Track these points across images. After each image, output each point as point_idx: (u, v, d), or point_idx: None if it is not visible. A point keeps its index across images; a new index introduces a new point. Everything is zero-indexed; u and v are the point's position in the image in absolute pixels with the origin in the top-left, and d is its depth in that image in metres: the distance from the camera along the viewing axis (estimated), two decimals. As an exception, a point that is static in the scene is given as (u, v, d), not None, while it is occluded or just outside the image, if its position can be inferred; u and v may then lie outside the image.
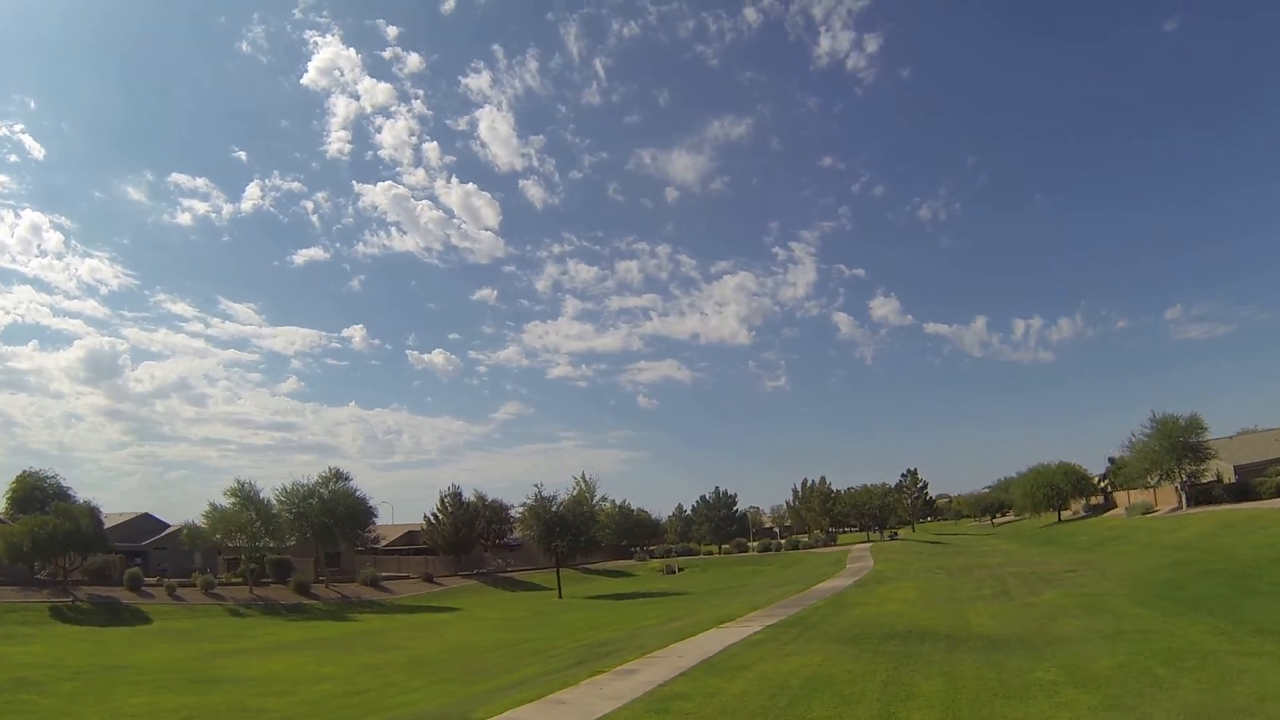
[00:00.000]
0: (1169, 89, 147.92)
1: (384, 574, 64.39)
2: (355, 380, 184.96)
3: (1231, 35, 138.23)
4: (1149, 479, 56.97)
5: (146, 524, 69.07)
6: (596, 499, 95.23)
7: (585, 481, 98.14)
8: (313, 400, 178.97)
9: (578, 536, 51.66)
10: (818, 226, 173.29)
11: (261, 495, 57.63)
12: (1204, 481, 55.34)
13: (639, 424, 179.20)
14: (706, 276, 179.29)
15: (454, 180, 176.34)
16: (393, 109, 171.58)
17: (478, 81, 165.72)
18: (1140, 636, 15.59)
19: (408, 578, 64.95)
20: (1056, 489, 77.13)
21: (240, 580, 53.46)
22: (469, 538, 73.17)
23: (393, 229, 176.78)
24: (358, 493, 63.16)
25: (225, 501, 56.17)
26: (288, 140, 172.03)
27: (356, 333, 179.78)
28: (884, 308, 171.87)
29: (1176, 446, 53.21)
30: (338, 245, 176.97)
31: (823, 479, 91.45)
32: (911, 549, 54.44)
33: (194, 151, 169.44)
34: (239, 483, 56.55)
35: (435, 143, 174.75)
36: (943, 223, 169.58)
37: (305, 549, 62.47)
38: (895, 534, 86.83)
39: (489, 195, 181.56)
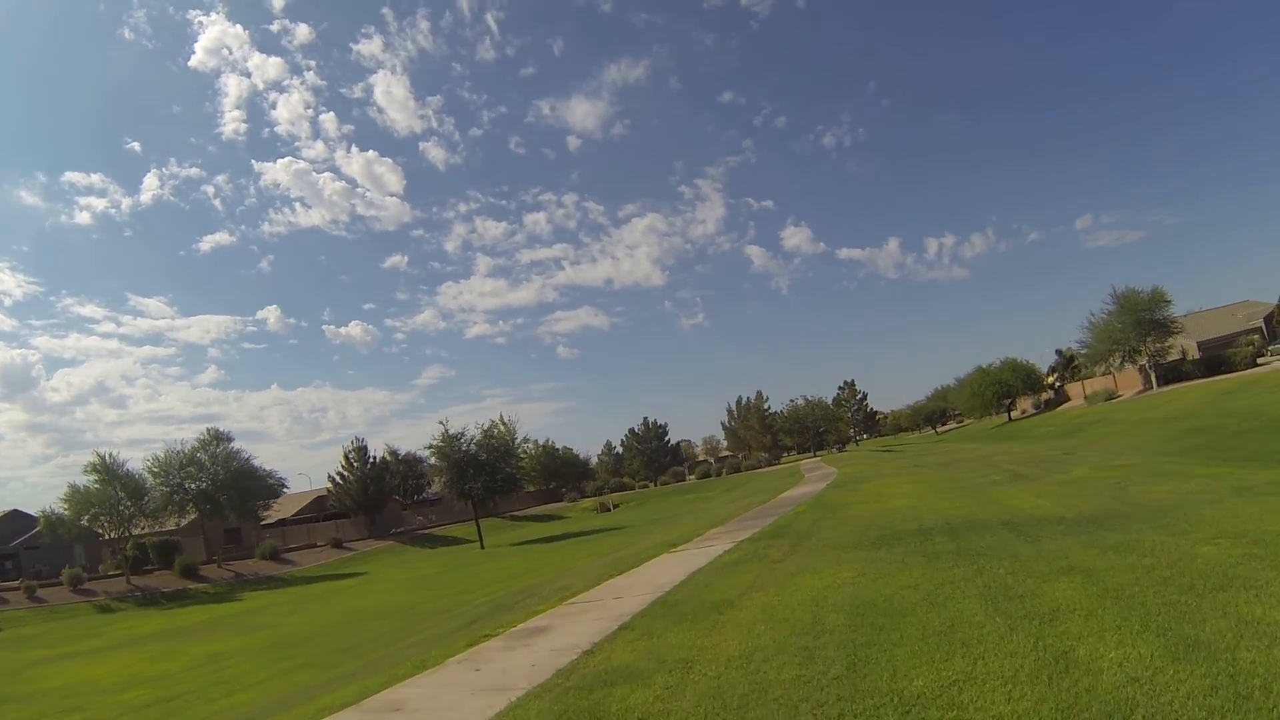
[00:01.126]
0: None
1: (291, 545, 58.88)
2: (275, 362, 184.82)
3: None
4: (1112, 361, 54.89)
5: (16, 522, 59.77)
6: (518, 440, 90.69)
7: (504, 423, 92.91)
8: (234, 388, 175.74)
9: (494, 475, 45.84)
10: (722, 162, 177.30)
11: (128, 468, 50.06)
12: (1169, 360, 53.54)
13: (562, 375, 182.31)
14: (615, 221, 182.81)
15: (354, 149, 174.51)
16: (286, 83, 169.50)
17: (370, 47, 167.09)
18: (1276, 490, 11.37)
19: (316, 546, 59.02)
20: (1006, 386, 75.50)
21: (119, 571, 46.57)
22: (379, 495, 67.17)
23: (297, 205, 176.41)
24: (244, 454, 55.59)
25: (86, 480, 48.55)
26: (181, 126, 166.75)
27: (271, 314, 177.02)
28: (796, 237, 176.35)
29: (1141, 322, 50.89)
30: (243, 227, 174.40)
31: (759, 394, 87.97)
32: (868, 456, 51.08)
33: (86, 147, 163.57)
34: (99, 456, 48.73)
35: (332, 113, 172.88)
36: (848, 148, 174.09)
37: (197, 528, 55.33)
38: (842, 447, 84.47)
39: (390, 161, 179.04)
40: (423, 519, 71.18)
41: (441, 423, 48.07)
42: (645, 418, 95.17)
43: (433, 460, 48.27)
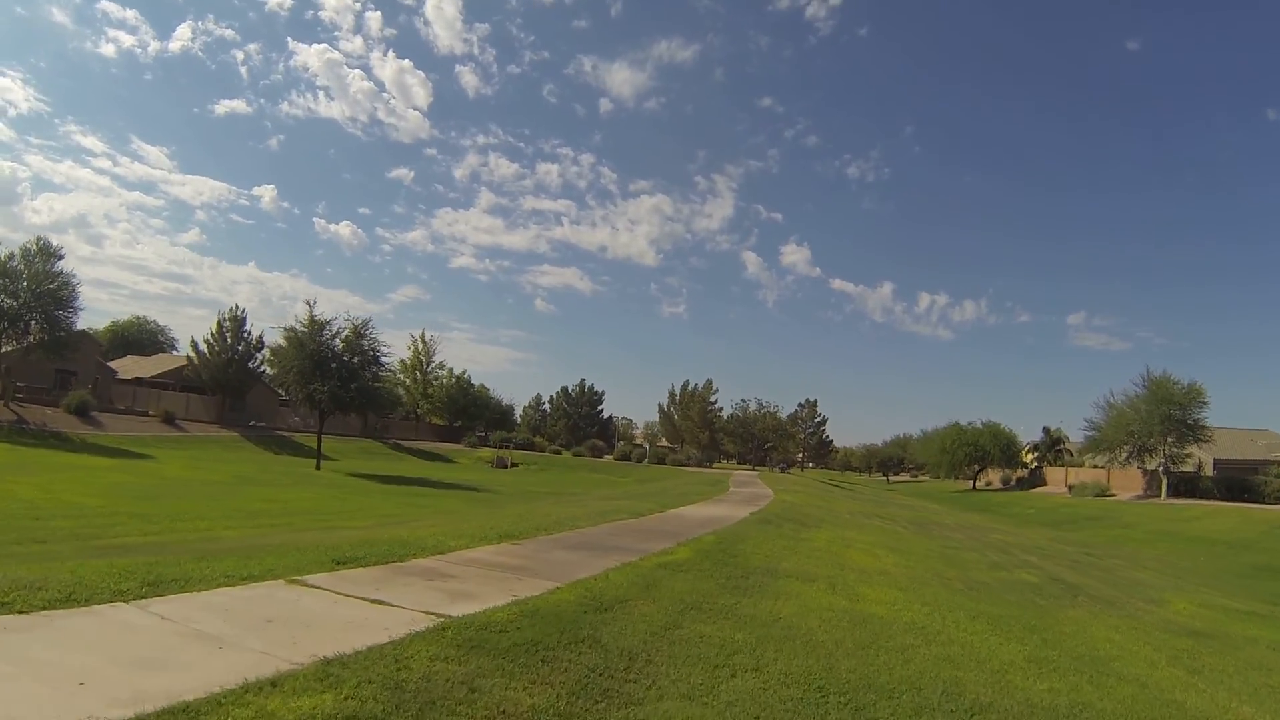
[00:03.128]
0: (1123, 96, 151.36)
1: (132, 407, 49.55)
2: (259, 241, 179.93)
3: (1190, 49, 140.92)
4: (1117, 454, 47.10)
5: None
6: (431, 366, 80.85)
7: (423, 341, 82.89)
8: (212, 255, 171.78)
9: (346, 383, 36.22)
10: (744, 164, 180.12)
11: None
12: (1182, 470, 45.91)
13: (533, 327, 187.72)
14: (624, 193, 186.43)
15: (391, 54, 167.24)
16: None
17: None
18: None
19: (145, 414, 49.34)
20: (981, 451, 67.72)
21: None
22: (242, 378, 57.15)
23: (320, 93, 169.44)
24: (73, 280, 44.65)
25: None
26: None
27: (267, 193, 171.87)
28: (795, 255, 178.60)
29: (1169, 418, 43.01)
30: (262, 101, 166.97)
31: (709, 382, 78.34)
32: (816, 486, 42.68)
33: None
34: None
35: (379, 12, 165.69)
36: (869, 184, 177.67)
37: (24, 362, 45.21)
38: (786, 469, 76.29)
39: (423, 75, 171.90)
40: (299, 420, 61.72)
41: (308, 303, 38.43)
42: (582, 380, 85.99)
43: (286, 347, 38.24)
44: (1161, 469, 44.51)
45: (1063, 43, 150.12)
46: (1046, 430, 74.99)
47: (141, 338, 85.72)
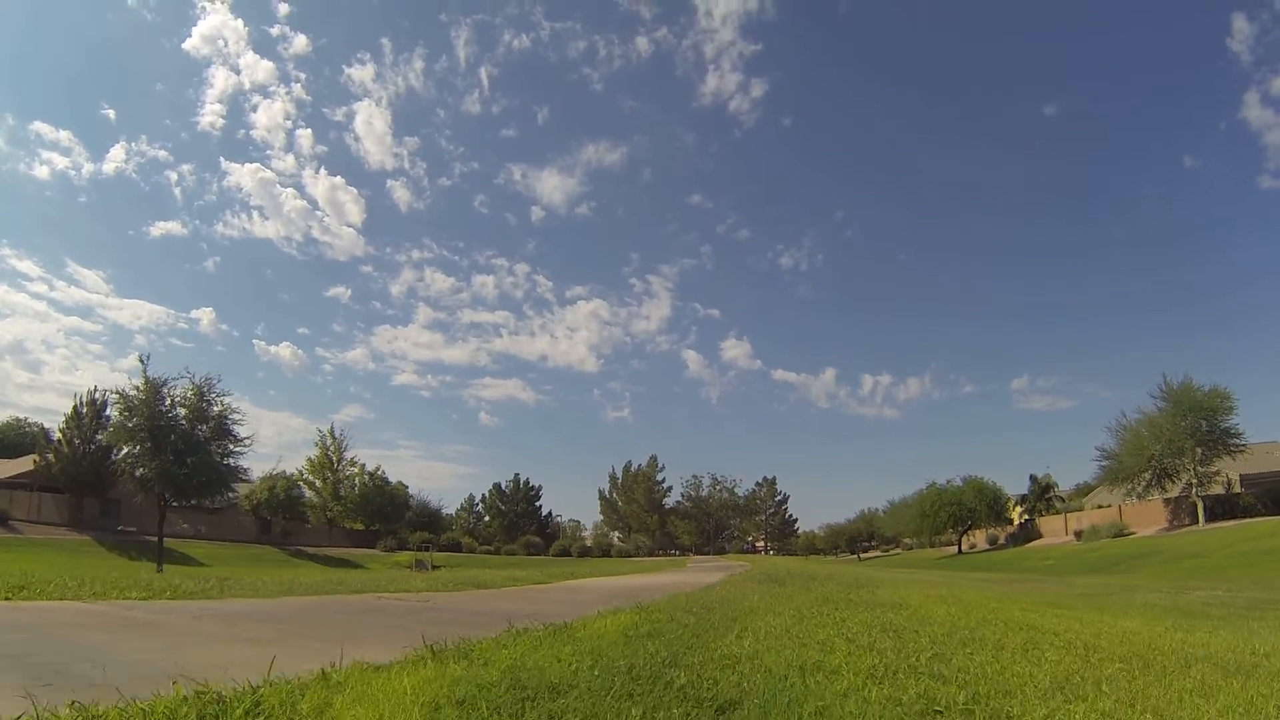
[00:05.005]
0: (1039, 171, 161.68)
1: None
2: (199, 364, 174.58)
3: (1103, 128, 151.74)
4: (1137, 484, 41.80)
5: None
6: (342, 463, 72.07)
7: (332, 436, 74.19)
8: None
9: (182, 458, 28.93)
10: (678, 263, 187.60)
11: None
12: (1212, 492, 40.77)
13: (479, 440, 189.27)
14: (561, 300, 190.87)
15: (323, 171, 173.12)
16: (272, 89, 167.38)
17: (361, 73, 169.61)
18: None
19: (-24, 520, 42.43)
20: (966, 510, 61.91)
21: None
22: (98, 472, 48.43)
23: (255, 213, 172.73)
24: None
25: None
26: (160, 105, 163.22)
27: (205, 315, 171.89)
28: (735, 350, 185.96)
29: (1197, 430, 38.06)
30: (197, 223, 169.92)
31: (653, 459, 71.05)
32: (794, 561, 35.89)
33: (61, 102, 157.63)
34: None
35: (310, 130, 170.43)
36: (804, 272, 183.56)
37: None
38: (751, 551, 69.07)
39: (355, 191, 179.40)
40: (188, 526, 52.72)
41: (141, 359, 31.60)
42: (516, 475, 78.30)
43: (116, 416, 31.04)
44: (1195, 492, 39.25)
45: (981, 116, 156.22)
46: (1034, 478, 70.08)
47: (22, 441, 76.89)
